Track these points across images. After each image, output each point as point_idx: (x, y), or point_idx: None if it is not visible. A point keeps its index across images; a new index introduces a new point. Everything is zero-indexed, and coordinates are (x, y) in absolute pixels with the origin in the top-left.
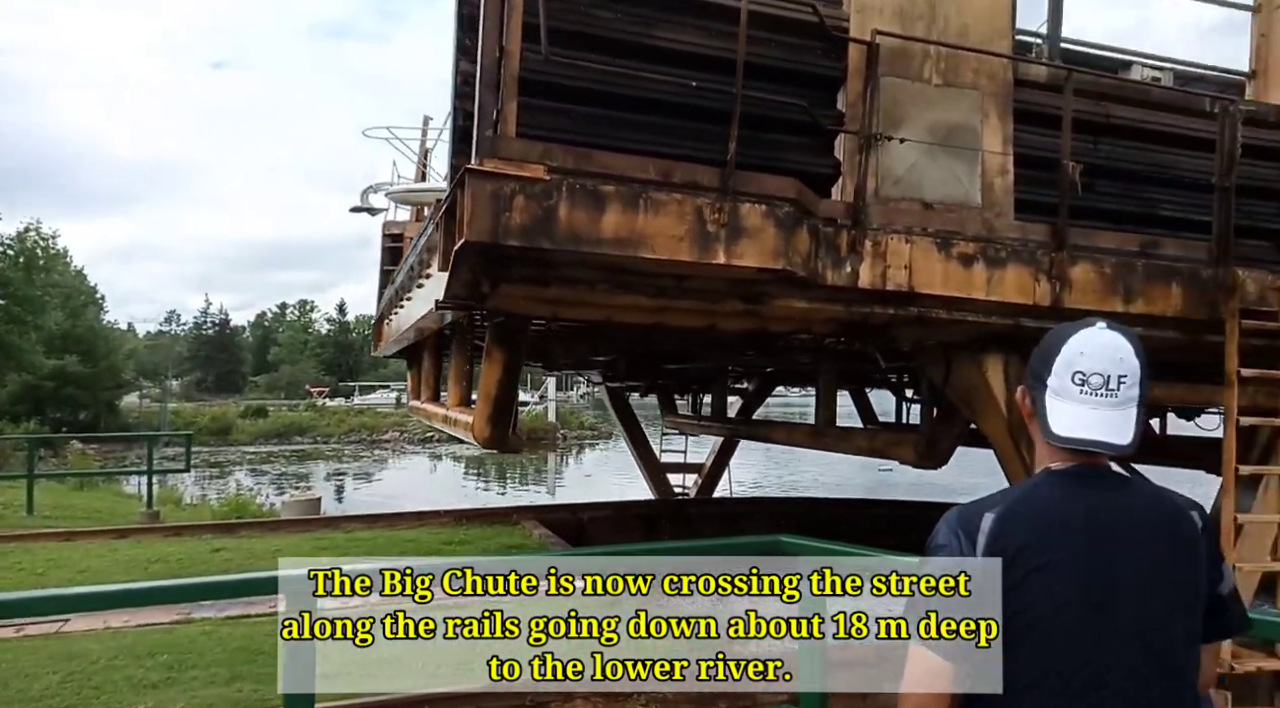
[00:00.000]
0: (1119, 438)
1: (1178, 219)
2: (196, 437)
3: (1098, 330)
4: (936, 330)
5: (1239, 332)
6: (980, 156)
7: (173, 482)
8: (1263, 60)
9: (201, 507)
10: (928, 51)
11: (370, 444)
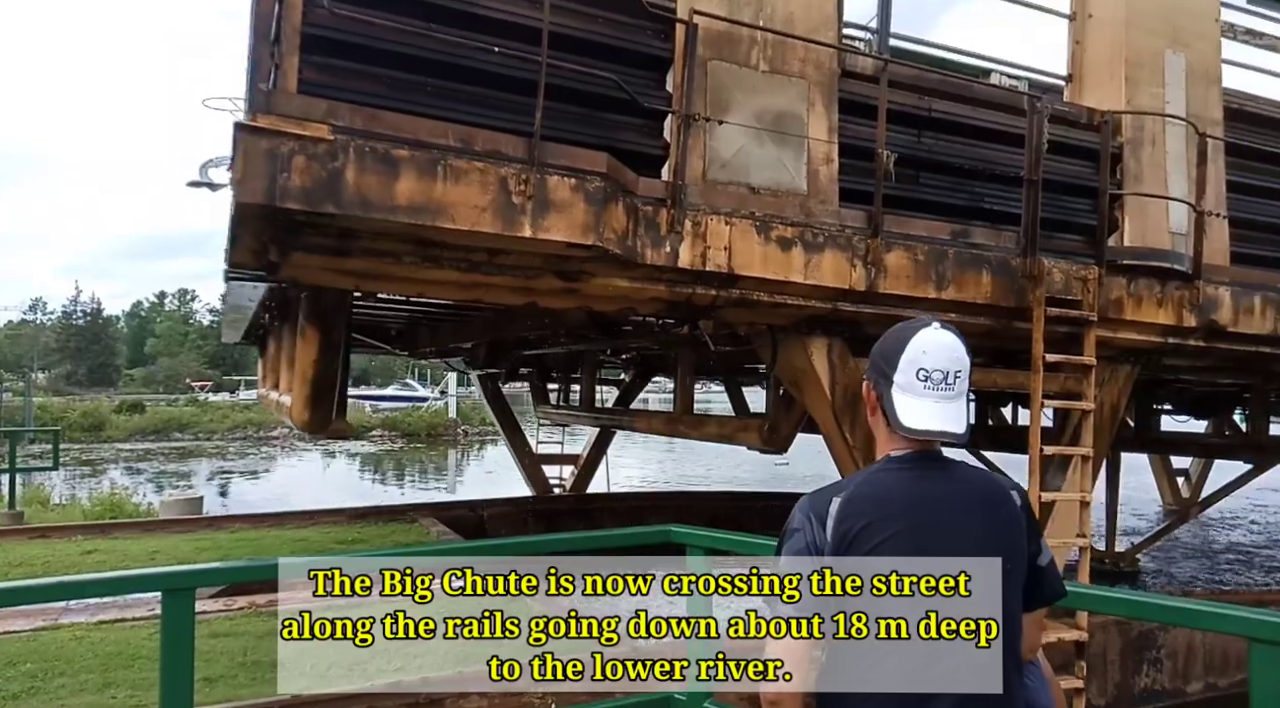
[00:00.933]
0: (958, 427)
1: (997, 211)
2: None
3: (935, 330)
4: (761, 313)
5: (1045, 319)
6: (806, 144)
7: (40, 481)
8: (1078, 66)
9: (72, 507)
10: (755, 38)
11: (258, 441)
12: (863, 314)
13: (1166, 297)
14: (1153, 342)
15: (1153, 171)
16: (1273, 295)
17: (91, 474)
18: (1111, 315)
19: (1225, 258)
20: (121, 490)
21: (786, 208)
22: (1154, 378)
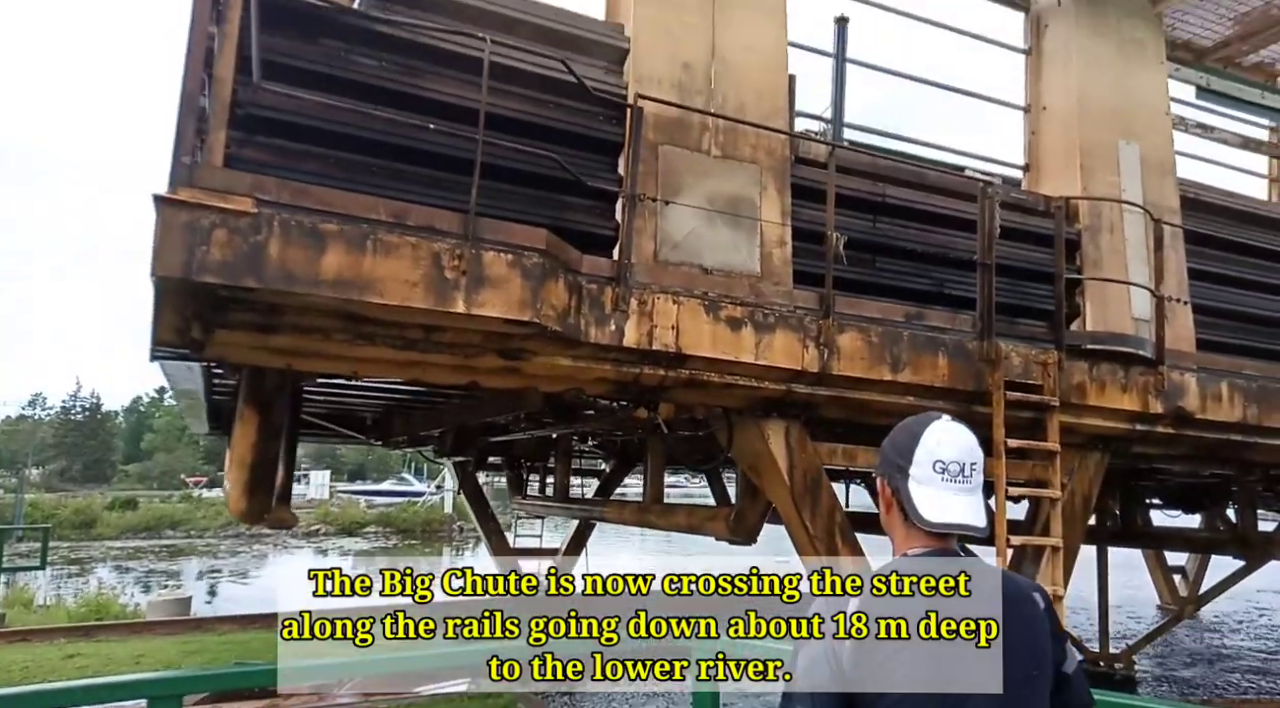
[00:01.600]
0: (978, 520)
1: (956, 296)
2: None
3: (947, 423)
4: (713, 394)
5: (1005, 403)
6: (759, 227)
7: (25, 580)
8: (1034, 156)
9: (56, 608)
10: (707, 124)
11: (250, 539)
12: (818, 396)
13: (1131, 382)
14: (1120, 428)
15: (1112, 258)
16: (1239, 382)
17: (79, 573)
18: (1074, 401)
19: (1191, 344)
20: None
21: (737, 288)
22: (1135, 469)
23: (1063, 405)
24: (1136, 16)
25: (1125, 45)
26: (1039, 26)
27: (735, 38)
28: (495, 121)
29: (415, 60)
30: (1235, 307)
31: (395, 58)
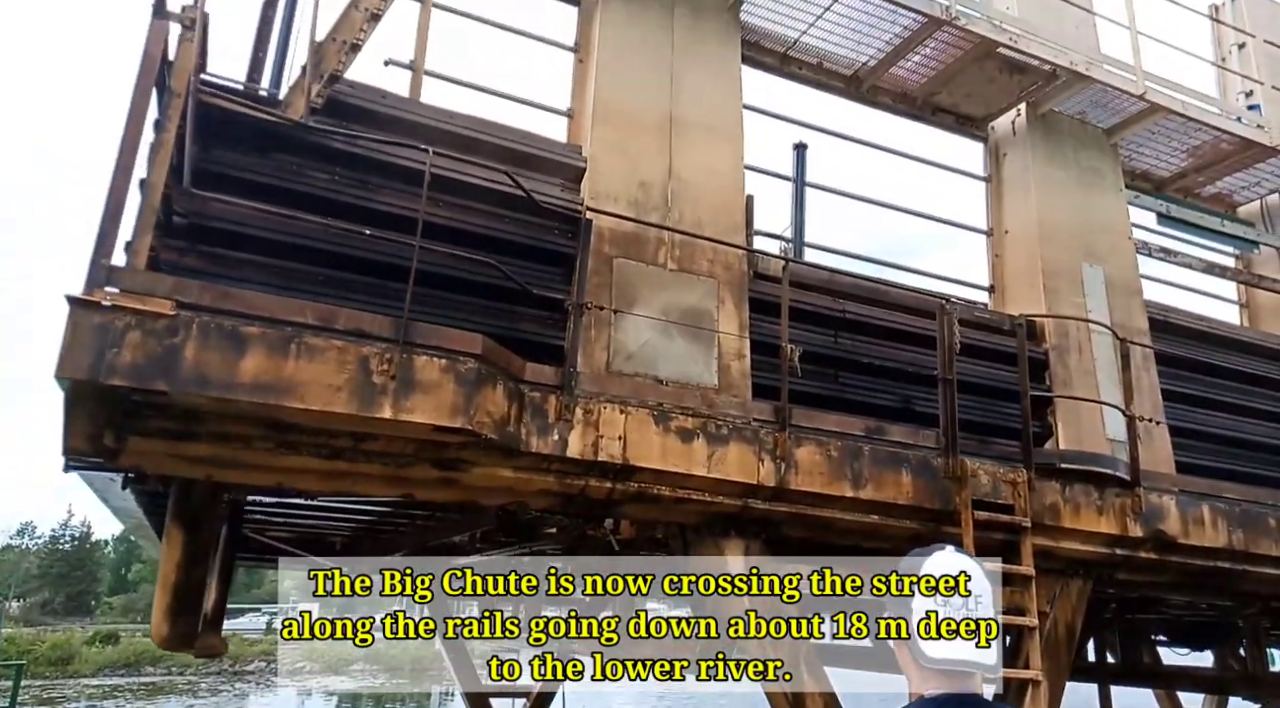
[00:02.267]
0: (984, 657)
1: (923, 413)
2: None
3: (950, 554)
4: (665, 510)
5: (974, 523)
6: (716, 340)
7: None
8: (999, 277)
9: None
10: (663, 239)
11: (232, 676)
12: (777, 512)
13: (1107, 504)
14: (1099, 553)
15: (1082, 378)
16: (1220, 506)
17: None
18: (1048, 522)
19: (1170, 466)
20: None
21: (689, 398)
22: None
23: (1036, 527)
24: (1092, 147)
25: (1084, 173)
26: (998, 155)
27: (693, 159)
28: (449, 234)
29: (368, 175)
30: (1213, 429)
31: (348, 172)
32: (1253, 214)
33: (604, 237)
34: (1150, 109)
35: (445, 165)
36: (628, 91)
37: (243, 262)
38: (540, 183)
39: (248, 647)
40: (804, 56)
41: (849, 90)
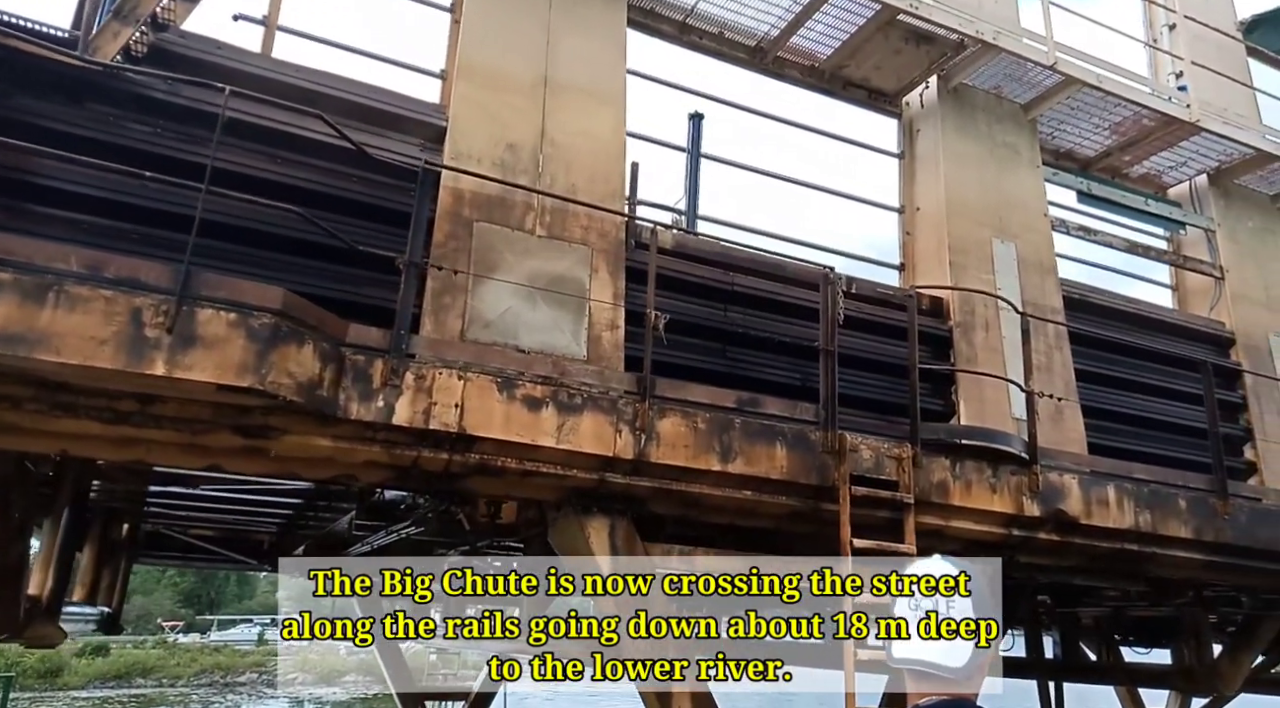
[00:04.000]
0: (949, 659)
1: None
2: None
3: (937, 560)
4: (513, 484)
5: (852, 499)
6: (588, 310)
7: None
8: (909, 255)
9: None
10: (530, 203)
11: (224, 687)
12: (639, 488)
13: (1001, 482)
14: (996, 533)
15: (988, 355)
16: (1128, 486)
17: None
18: (936, 500)
19: (1082, 446)
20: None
21: (538, 366)
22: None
23: (924, 505)
24: (1008, 122)
25: (998, 149)
26: (912, 131)
27: (569, 123)
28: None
29: (192, 127)
30: (1131, 411)
31: (172, 125)
32: (1183, 196)
33: (463, 199)
34: (1065, 82)
35: (281, 118)
36: (497, 50)
37: (52, 218)
38: (398, 142)
39: (239, 658)
40: (704, 25)
41: (754, 62)
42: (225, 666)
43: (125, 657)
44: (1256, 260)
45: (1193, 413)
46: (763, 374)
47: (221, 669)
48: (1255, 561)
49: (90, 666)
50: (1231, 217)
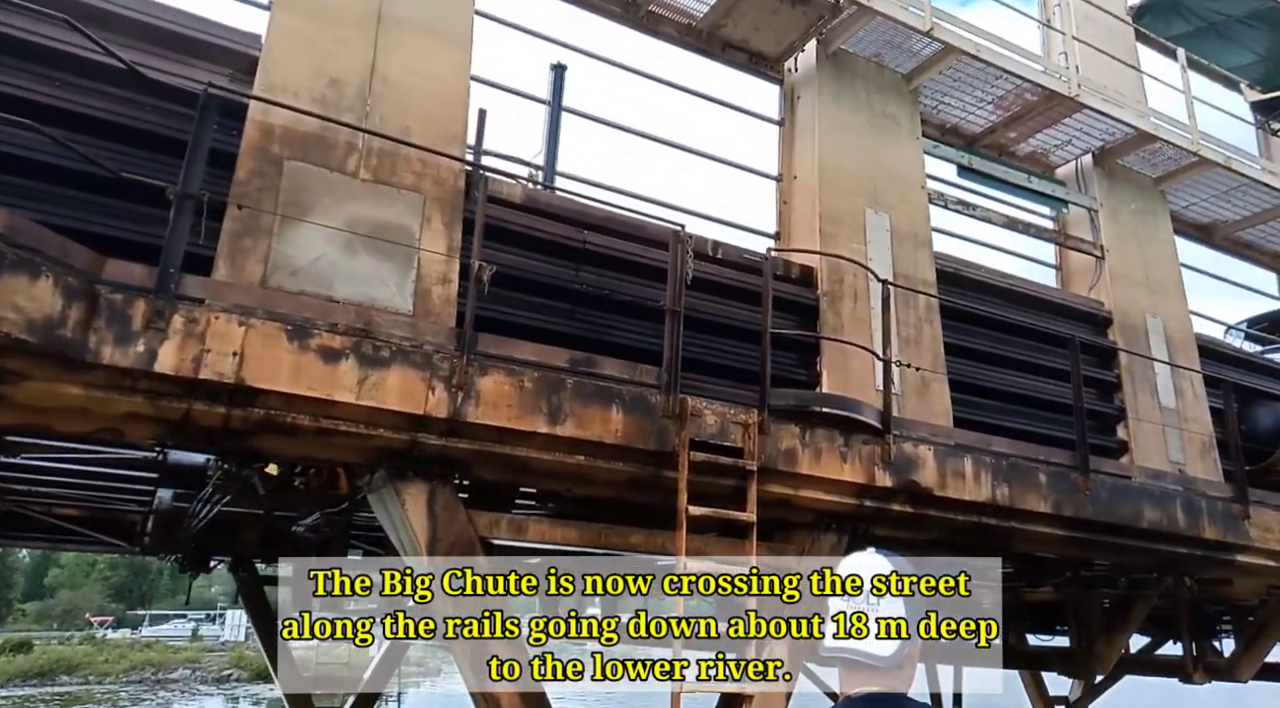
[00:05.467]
0: (877, 648)
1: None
2: None
3: (869, 554)
4: (312, 444)
5: (692, 465)
6: (416, 261)
7: None
8: (785, 224)
9: None
10: (355, 144)
11: (155, 684)
12: (456, 449)
13: (852, 451)
14: (847, 504)
15: (855, 325)
16: (986, 459)
17: None
18: (783, 468)
19: (948, 420)
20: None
21: (338, 314)
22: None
23: (771, 473)
24: (889, 92)
25: (876, 118)
26: (793, 98)
27: (404, 61)
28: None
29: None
30: (1003, 387)
31: None
32: (1069, 176)
33: (273, 135)
34: (945, 51)
35: (48, 34)
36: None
37: None
38: (204, 72)
39: (172, 654)
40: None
41: (628, 16)
42: (157, 662)
43: (49, 654)
44: (1137, 241)
45: (1066, 390)
46: (616, 338)
47: (153, 666)
48: (1117, 537)
49: (11, 663)
50: (1115, 197)
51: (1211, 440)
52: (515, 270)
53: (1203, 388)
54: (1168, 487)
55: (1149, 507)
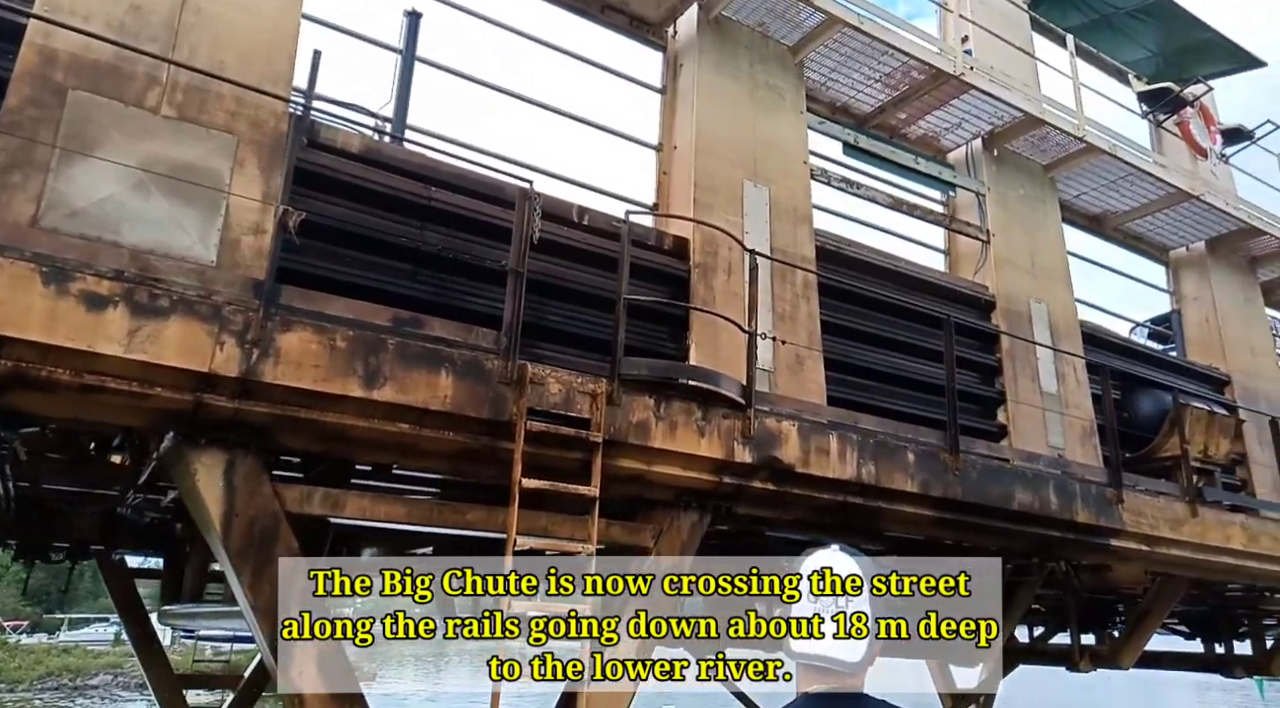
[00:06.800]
0: (846, 653)
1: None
2: None
3: (834, 551)
4: (77, 403)
5: (530, 435)
6: (225, 208)
7: None
8: (664, 195)
9: None
10: (157, 77)
11: (73, 691)
12: (253, 413)
13: (711, 426)
14: (705, 480)
15: (727, 299)
16: (853, 436)
17: None
18: (635, 441)
19: (821, 398)
20: None
21: (105, 256)
22: None
23: (622, 446)
24: (773, 64)
25: (759, 89)
26: (675, 65)
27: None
28: None
29: None
30: (883, 368)
31: None
32: (960, 161)
33: (57, 61)
34: (828, 22)
35: None
36: None
37: None
38: None
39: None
40: None
41: None
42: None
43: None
44: (1024, 227)
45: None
46: (469, 304)
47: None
48: (988, 519)
49: None
50: (1003, 182)
51: (1092, 426)
52: (351, 225)
53: (1085, 374)
54: (1040, 469)
55: (1020, 489)
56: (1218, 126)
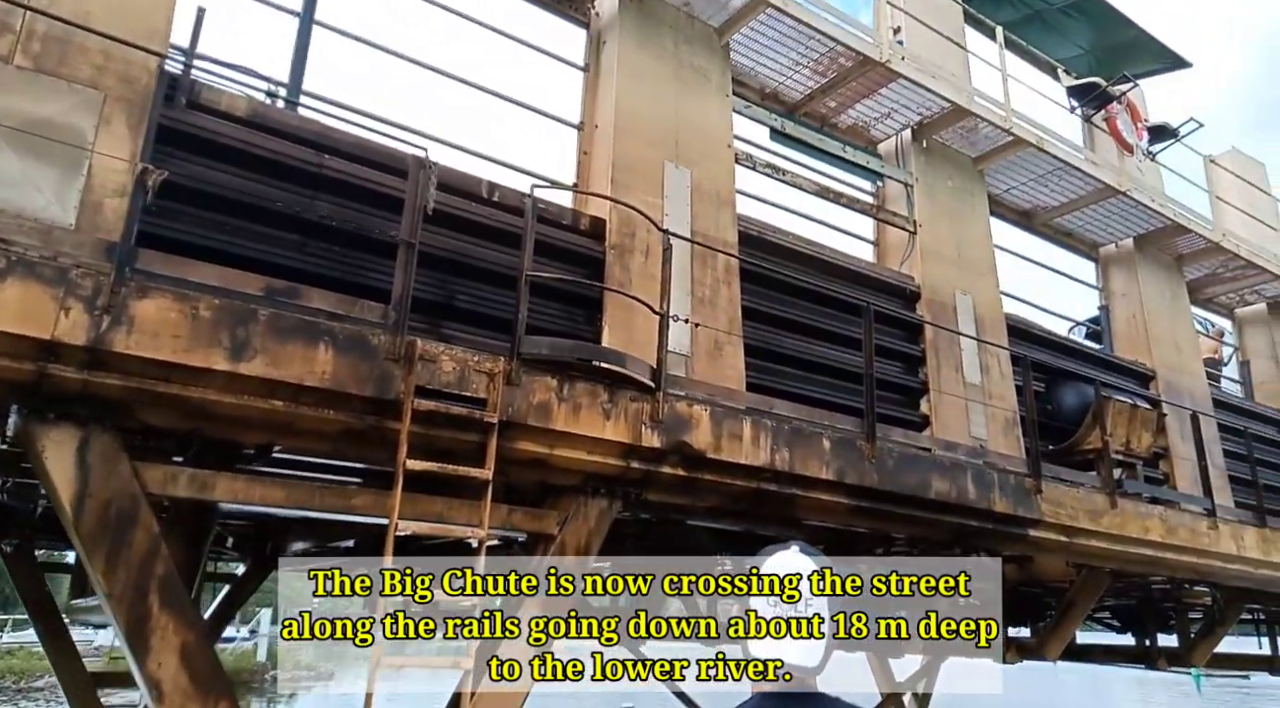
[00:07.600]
0: (803, 658)
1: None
2: None
3: (794, 552)
4: None
5: (416, 414)
6: (86, 168)
7: None
8: (584, 174)
9: None
10: (11, 24)
11: (16, 693)
12: (107, 387)
13: (618, 408)
14: (612, 465)
15: (643, 282)
16: (767, 422)
17: None
18: (536, 423)
19: (741, 384)
20: None
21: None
22: None
23: (521, 428)
24: (699, 44)
25: (683, 70)
26: (599, 43)
27: None
28: None
29: None
30: (805, 355)
31: None
32: (890, 151)
33: None
34: (753, 3)
35: None
36: None
37: None
38: None
39: (38, 661)
40: None
41: None
42: (19, 670)
43: None
44: (951, 219)
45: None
46: (368, 280)
47: (14, 674)
48: (905, 507)
49: None
50: (931, 173)
51: (1015, 417)
52: (234, 192)
53: (1009, 367)
54: (959, 458)
55: (938, 478)
56: (1144, 123)
